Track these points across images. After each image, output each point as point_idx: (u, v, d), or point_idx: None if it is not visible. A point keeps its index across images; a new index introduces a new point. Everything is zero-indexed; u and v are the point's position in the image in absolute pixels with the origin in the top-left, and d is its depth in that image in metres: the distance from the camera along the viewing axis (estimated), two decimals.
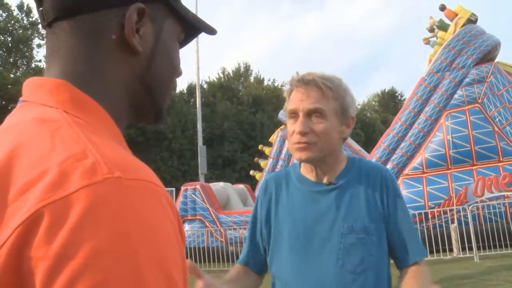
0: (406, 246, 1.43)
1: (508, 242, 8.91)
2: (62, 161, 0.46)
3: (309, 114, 1.39)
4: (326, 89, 1.38)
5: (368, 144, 28.12)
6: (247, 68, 42.51)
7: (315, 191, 1.46)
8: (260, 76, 42.72)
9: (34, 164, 0.47)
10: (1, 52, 27.33)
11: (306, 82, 1.40)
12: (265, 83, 41.37)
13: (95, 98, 0.59)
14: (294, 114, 1.42)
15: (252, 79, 41.85)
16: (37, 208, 0.43)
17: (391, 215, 1.42)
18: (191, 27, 0.73)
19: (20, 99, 0.61)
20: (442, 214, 9.56)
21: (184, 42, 0.76)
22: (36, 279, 0.42)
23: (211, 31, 0.76)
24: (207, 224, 11.87)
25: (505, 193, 9.35)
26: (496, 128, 9.93)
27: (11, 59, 27.88)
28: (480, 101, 10.21)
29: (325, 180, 1.47)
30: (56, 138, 0.50)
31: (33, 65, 28.10)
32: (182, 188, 12.67)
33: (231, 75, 41.00)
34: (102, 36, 0.61)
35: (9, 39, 27.36)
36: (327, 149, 1.41)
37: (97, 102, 0.59)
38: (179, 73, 0.72)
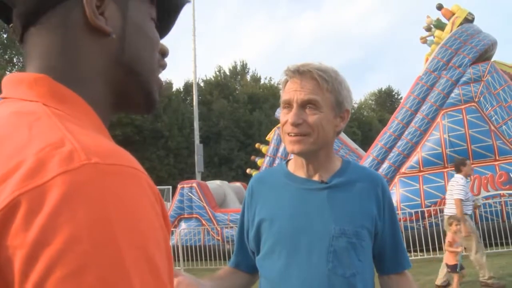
0: (397, 254, 1.45)
1: (504, 241, 8.94)
2: (39, 150, 0.46)
3: (303, 105, 1.36)
4: (322, 80, 1.35)
5: (365, 142, 28.17)
6: (244, 67, 42.52)
7: (304, 189, 1.41)
8: (257, 74, 42.76)
9: (11, 155, 0.46)
10: None
11: (301, 73, 1.37)
12: (262, 81, 41.38)
13: (74, 90, 0.58)
14: (288, 105, 1.39)
15: (248, 77, 41.84)
16: (14, 196, 0.43)
17: (386, 224, 1.41)
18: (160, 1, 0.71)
19: (1, 96, 0.61)
20: (438, 212, 9.57)
21: (164, 22, 0.74)
22: (15, 268, 0.41)
23: (183, 1, 0.74)
24: (203, 222, 11.85)
25: (501, 192, 9.38)
26: (492, 127, 9.96)
27: (6, 56, 27.77)
28: (476, 100, 10.23)
29: (316, 178, 1.42)
30: (34, 129, 0.49)
31: None
32: (179, 186, 12.65)
33: (228, 73, 40.97)
34: (67, 28, 0.60)
35: (5, 36, 27.25)
36: (321, 141, 1.37)
37: (77, 93, 0.58)
38: (163, 51, 0.71)
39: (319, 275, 1.31)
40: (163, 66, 0.71)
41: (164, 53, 0.71)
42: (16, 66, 27.80)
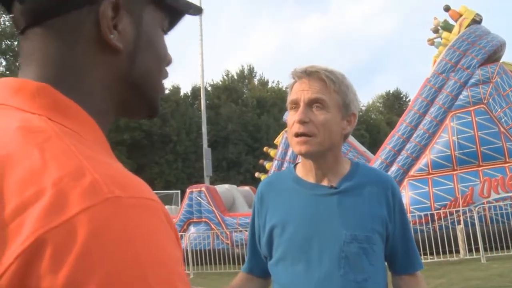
0: (408, 255, 1.46)
1: None
2: (57, 180, 0.43)
3: (310, 104, 1.36)
4: (329, 81, 1.36)
5: (373, 145, 28.07)
6: (251, 71, 42.60)
7: (314, 194, 1.41)
8: (264, 78, 42.84)
9: (26, 181, 0.44)
10: (8, 56, 27.55)
11: (309, 74, 1.38)
12: (269, 85, 41.42)
13: (76, 102, 0.55)
14: (295, 105, 1.39)
15: (256, 81, 41.91)
16: (38, 235, 0.40)
17: (396, 225, 1.41)
18: (173, 10, 0.67)
19: None
20: (448, 215, 9.53)
21: (168, 28, 0.70)
22: None
23: (195, 11, 0.69)
24: (212, 226, 11.88)
25: None
26: (502, 129, 9.90)
27: (17, 63, 28.07)
28: (485, 101, 10.18)
29: (325, 182, 1.42)
30: (46, 152, 0.46)
31: None
32: (188, 190, 12.69)
33: (235, 77, 41.08)
34: (77, 38, 0.57)
35: (15, 43, 27.55)
36: (327, 142, 1.36)
37: (80, 105, 0.55)
38: (168, 62, 0.68)
39: (331, 281, 1.31)
40: (166, 76, 0.69)
41: (168, 63, 0.69)
42: None
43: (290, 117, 1.40)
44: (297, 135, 1.36)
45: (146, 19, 0.62)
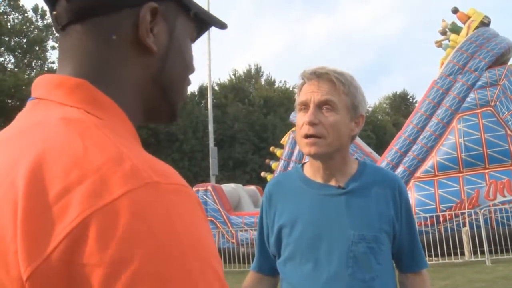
0: (413, 254, 1.49)
1: None
2: (100, 166, 0.47)
3: (320, 105, 1.37)
4: (338, 83, 1.37)
5: (379, 146, 27.99)
6: (258, 70, 42.59)
7: (322, 194, 1.43)
8: (271, 78, 42.80)
9: (70, 166, 0.47)
10: (16, 53, 27.71)
11: (318, 75, 1.39)
12: (276, 85, 41.40)
13: (111, 97, 0.59)
14: (304, 106, 1.40)
15: (263, 81, 41.90)
16: (84, 216, 0.44)
17: (403, 225, 1.44)
18: (203, 22, 0.72)
19: (33, 95, 0.61)
20: (453, 217, 9.52)
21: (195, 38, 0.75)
22: (93, 285, 0.43)
23: (222, 25, 0.75)
24: (218, 225, 11.92)
25: None
26: (509, 132, 9.87)
27: (25, 60, 28.24)
28: (492, 104, 10.16)
29: (333, 182, 1.44)
30: (87, 140, 0.50)
31: (46, 67, 28.47)
32: (194, 189, 12.73)
33: (242, 77, 41.09)
34: (117, 38, 0.61)
35: (24, 40, 27.71)
36: (336, 144, 1.38)
37: (114, 102, 0.59)
38: (192, 70, 0.72)
39: (339, 280, 1.34)
40: (189, 84, 0.73)
41: (192, 72, 0.73)
42: (35, 70, 28.25)
43: (300, 118, 1.42)
44: (307, 136, 1.38)
45: (179, 27, 0.67)
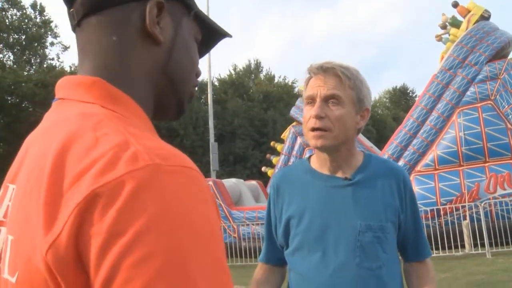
0: (418, 244, 1.54)
1: None
2: (107, 151, 0.52)
3: (326, 100, 1.41)
4: (344, 77, 1.40)
5: (380, 140, 28.02)
6: (258, 65, 42.52)
7: (329, 186, 1.46)
8: (271, 73, 42.73)
9: (82, 156, 0.53)
10: (15, 50, 27.67)
11: (324, 70, 1.43)
12: (276, 80, 41.36)
13: (125, 91, 0.64)
14: (311, 100, 1.44)
15: (262, 76, 41.85)
16: (92, 189, 0.49)
17: (408, 215, 1.48)
18: (207, 27, 0.77)
19: (56, 96, 0.67)
20: (454, 210, 9.57)
21: (203, 46, 0.80)
22: (91, 252, 0.48)
23: (225, 34, 0.80)
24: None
25: None
26: (509, 125, 9.91)
27: (24, 57, 28.18)
28: (492, 98, 10.19)
29: (339, 174, 1.47)
30: (98, 131, 0.55)
31: (46, 63, 28.45)
32: None
33: (242, 72, 41.03)
34: (126, 29, 0.66)
35: (23, 37, 27.66)
36: (342, 137, 1.42)
37: (127, 94, 0.64)
38: (198, 71, 0.76)
39: (347, 269, 1.38)
40: (196, 84, 0.77)
41: (197, 75, 0.77)
42: (34, 67, 28.22)
43: (307, 112, 1.46)
44: (314, 129, 1.42)
45: (184, 25, 0.73)
